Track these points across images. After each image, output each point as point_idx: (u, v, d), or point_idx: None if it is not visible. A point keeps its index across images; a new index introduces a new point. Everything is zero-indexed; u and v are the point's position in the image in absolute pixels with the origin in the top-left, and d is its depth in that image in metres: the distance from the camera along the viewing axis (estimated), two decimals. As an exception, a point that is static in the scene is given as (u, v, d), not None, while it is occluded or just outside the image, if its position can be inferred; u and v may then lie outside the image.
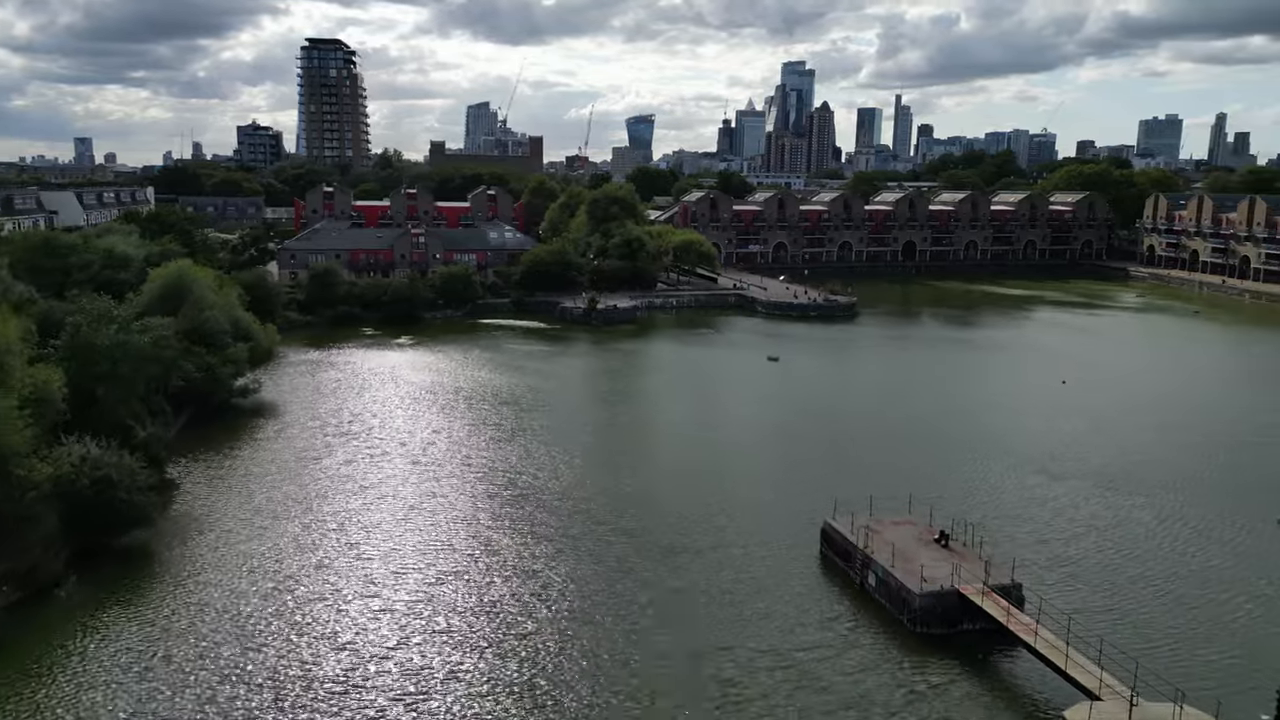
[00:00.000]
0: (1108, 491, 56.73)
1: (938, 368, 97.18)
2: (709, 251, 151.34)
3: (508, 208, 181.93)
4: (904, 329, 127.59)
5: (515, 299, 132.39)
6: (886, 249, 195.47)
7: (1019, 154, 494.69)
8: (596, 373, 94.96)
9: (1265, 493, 56.88)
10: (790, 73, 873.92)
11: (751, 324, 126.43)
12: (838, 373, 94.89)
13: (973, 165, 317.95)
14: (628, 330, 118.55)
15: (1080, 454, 64.45)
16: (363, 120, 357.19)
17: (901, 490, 55.12)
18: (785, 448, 66.32)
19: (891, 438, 68.93)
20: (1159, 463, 62.81)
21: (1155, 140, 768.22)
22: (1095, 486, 57.52)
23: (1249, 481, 59.20)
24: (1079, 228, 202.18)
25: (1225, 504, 54.88)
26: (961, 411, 76.80)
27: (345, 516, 50.90)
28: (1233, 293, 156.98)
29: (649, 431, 71.14)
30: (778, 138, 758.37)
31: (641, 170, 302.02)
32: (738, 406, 79.42)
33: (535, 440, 66.58)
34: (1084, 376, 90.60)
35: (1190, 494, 56.47)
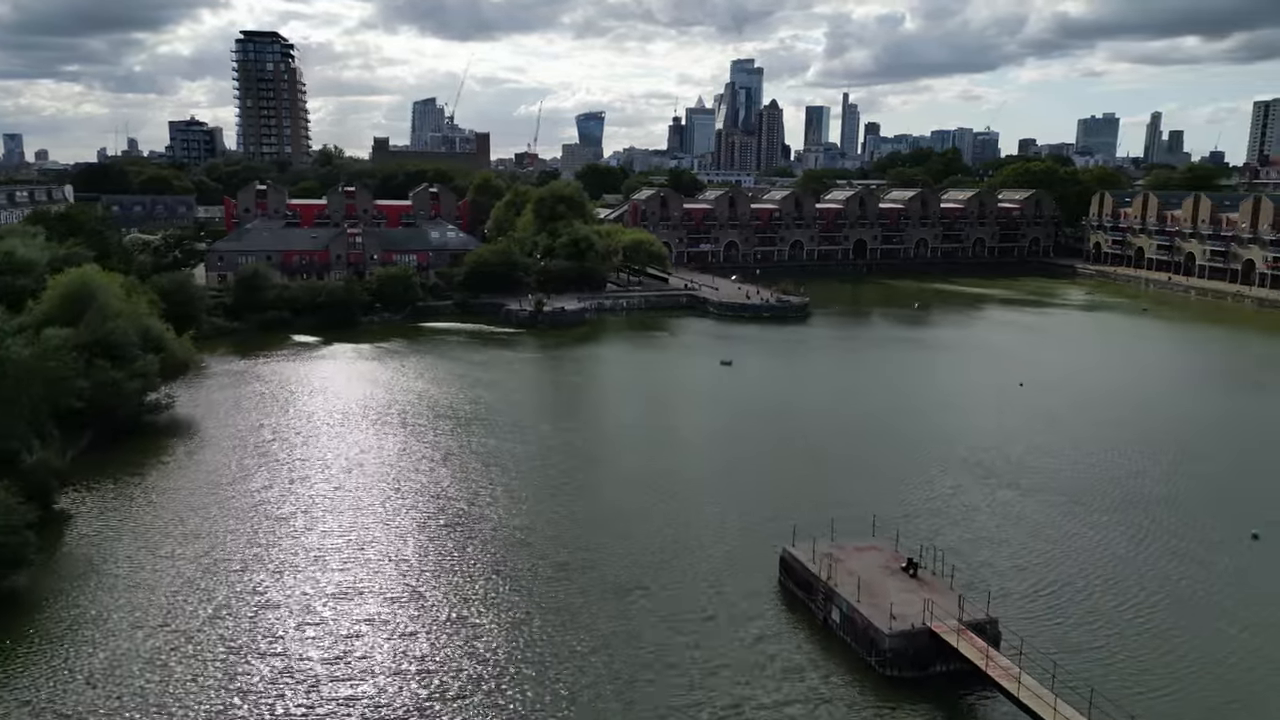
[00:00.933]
0: (1077, 506, 54.02)
1: (892, 371, 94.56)
2: (660, 251, 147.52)
3: (451, 206, 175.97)
4: (857, 329, 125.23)
5: (458, 301, 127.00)
6: (838, 248, 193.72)
7: (964, 152, 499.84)
8: (543, 381, 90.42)
9: (1235, 503, 54.81)
10: (739, 71, 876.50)
11: (704, 326, 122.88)
12: (792, 377, 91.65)
13: (920, 163, 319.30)
14: (576, 333, 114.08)
15: (1046, 465, 61.84)
16: (302, 116, 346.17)
17: (864, 506, 51.92)
18: (740, 461, 62.57)
19: (850, 449, 65.68)
20: (1125, 472, 60.46)
21: (1093, 139, 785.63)
22: (1066, 502, 54.74)
23: (1217, 490, 57.14)
24: (1027, 225, 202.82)
25: (1196, 517, 52.57)
26: (920, 418, 73.94)
27: (252, 555, 45.58)
28: (1178, 289, 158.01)
29: (598, 447, 66.83)
30: (728, 135, 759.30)
31: (591, 168, 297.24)
32: (691, 416, 75.57)
33: (474, 460, 61.86)
34: (1040, 377, 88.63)
35: (1160, 507, 54.07)
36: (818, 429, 71.02)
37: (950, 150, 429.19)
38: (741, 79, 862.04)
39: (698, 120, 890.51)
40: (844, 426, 71.56)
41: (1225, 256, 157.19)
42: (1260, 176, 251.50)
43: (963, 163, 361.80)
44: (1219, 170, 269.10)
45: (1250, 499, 55.83)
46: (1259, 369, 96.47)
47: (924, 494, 55.83)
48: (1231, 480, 59.36)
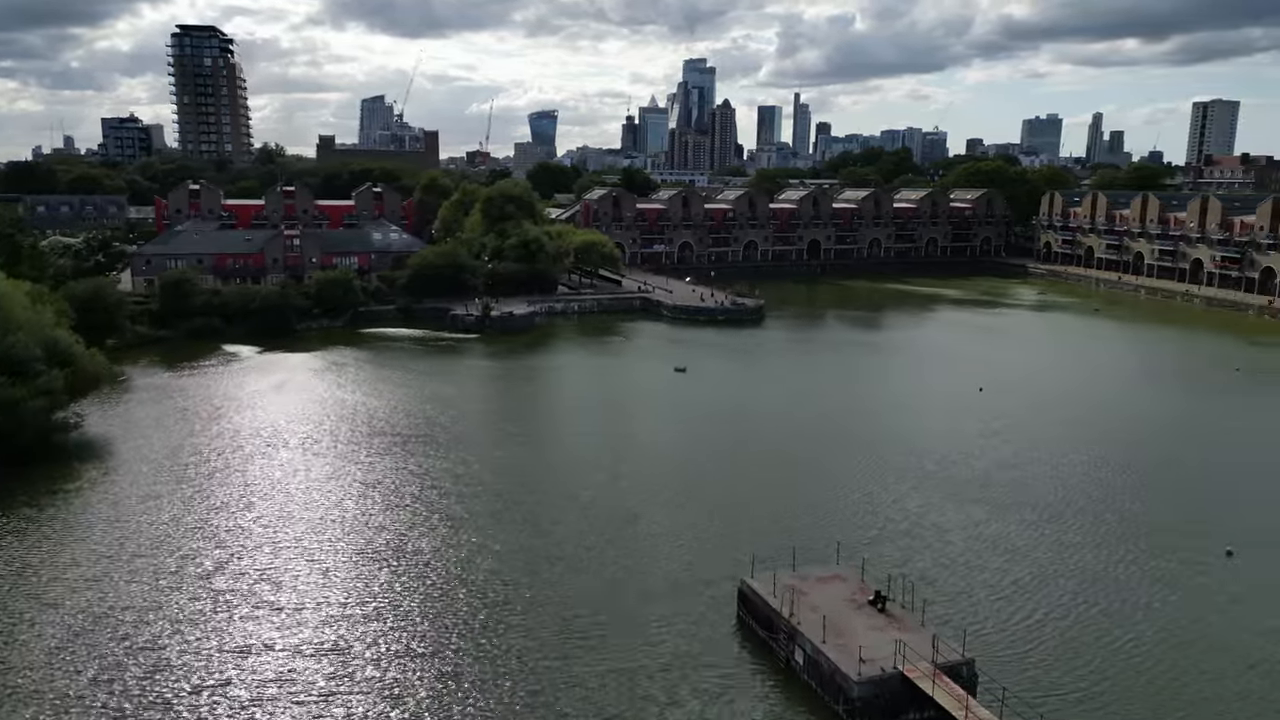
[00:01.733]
0: (1049, 525, 51.55)
1: (851, 376, 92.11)
2: (612, 253, 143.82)
3: (396, 206, 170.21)
4: (813, 332, 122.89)
5: (402, 306, 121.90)
6: (792, 248, 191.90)
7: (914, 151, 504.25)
8: (489, 391, 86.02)
9: (1204, 515, 52.92)
10: (692, 70, 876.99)
11: (658, 330, 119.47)
12: (748, 383, 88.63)
13: (871, 162, 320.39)
14: (526, 339, 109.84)
15: (1013, 478, 59.43)
16: (243, 113, 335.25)
17: (827, 526, 48.96)
18: (697, 479, 59.14)
19: (811, 462, 62.64)
20: (1091, 483, 58.33)
21: (1038, 139, 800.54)
22: (1038, 520, 52.14)
23: (1185, 501, 55.28)
24: (978, 224, 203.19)
25: (1169, 533, 50.46)
26: (882, 427, 71.30)
27: (150, 602, 40.70)
28: (1128, 289, 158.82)
29: (545, 465, 62.85)
30: (681, 135, 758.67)
31: (542, 166, 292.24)
32: (645, 428, 71.93)
33: (411, 482, 57.53)
34: (998, 380, 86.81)
35: (1131, 523, 51.86)
36: (776, 440, 67.93)
37: (901, 150, 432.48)
38: (694, 78, 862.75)
39: (651, 119, 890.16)
40: (804, 437, 68.59)
41: (1174, 256, 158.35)
42: (1204, 176, 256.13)
43: (913, 162, 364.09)
44: (1163, 170, 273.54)
45: (1217, 509, 54.03)
46: (1210, 368, 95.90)
47: (890, 512, 52.94)
48: (1198, 489, 57.56)
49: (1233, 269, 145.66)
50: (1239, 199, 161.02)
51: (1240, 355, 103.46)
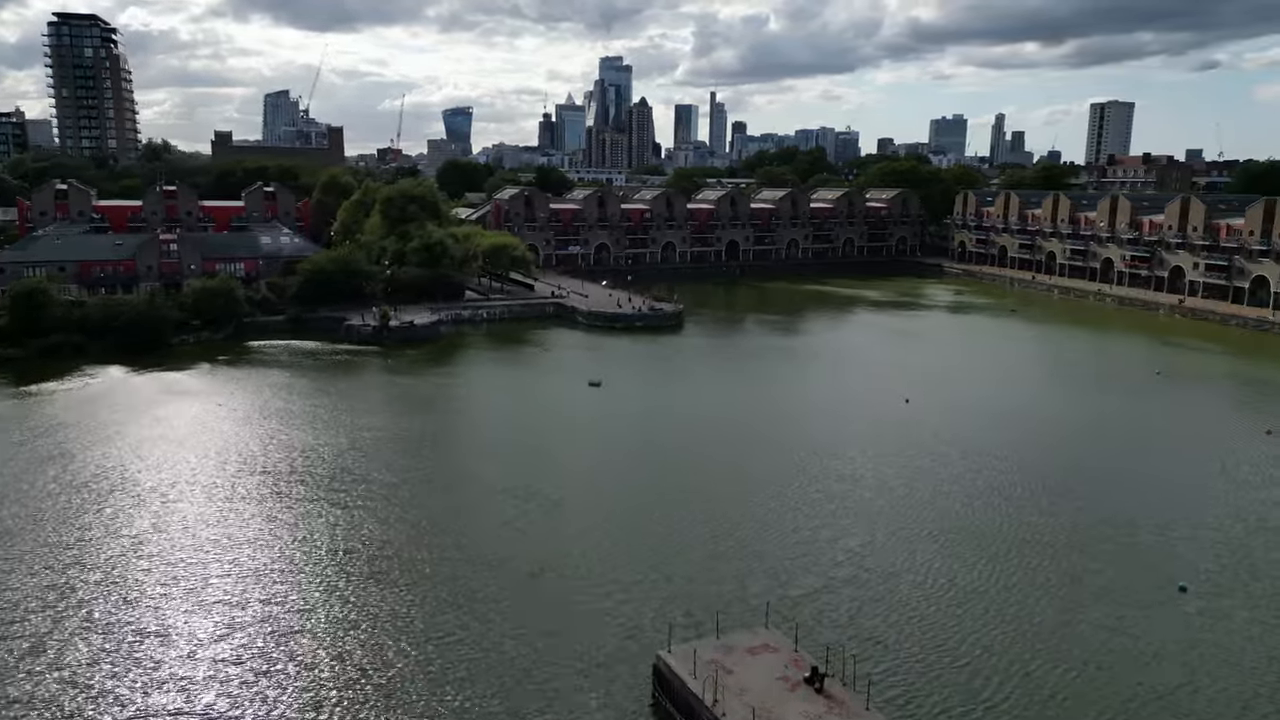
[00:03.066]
0: (996, 563, 47.09)
1: (774, 387, 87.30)
2: (524, 256, 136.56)
3: (291, 207, 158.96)
4: (734, 338, 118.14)
5: (292, 316, 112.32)
6: (710, 249, 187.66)
7: (828, 151, 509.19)
8: (382, 416, 77.54)
9: (1149, 543, 49.45)
10: (608, 68, 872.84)
11: (573, 338, 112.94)
12: (667, 398, 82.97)
13: (787, 161, 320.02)
14: (429, 351, 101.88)
15: (954, 507, 55.05)
16: (129, 107, 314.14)
17: (756, 575, 43.33)
18: (609, 518, 52.97)
19: (736, 492, 57.12)
20: (1034, 511, 54.40)
21: (944, 138, 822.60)
22: (985, 559, 47.64)
23: (1127, 526, 51.75)
24: (894, 224, 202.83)
25: (1115, 565, 46.70)
26: (811, 448, 66.36)
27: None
28: (1042, 288, 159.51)
29: (438, 509, 55.55)
30: (598, 133, 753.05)
31: (453, 164, 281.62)
32: (553, 457, 65.26)
33: (281, 535, 49.79)
34: (923, 388, 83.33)
35: (1081, 556, 47.93)
36: (697, 466, 62.26)
37: (815, 149, 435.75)
38: (611, 76, 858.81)
39: (568, 117, 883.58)
40: (728, 461, 63.08)
41: (1085, 255, 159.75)
42: (1107, 175, 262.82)
43: (827, 161, 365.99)
44: (1069, 169, 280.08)
45: (1162, 533, 50.67)
46: (1134, 372, 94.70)
47: (829, 553, 47.64)
48: (1139, 510, 54.21)
49: (1142, 268, 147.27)
50: (1147, 198, 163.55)
51: (1159, 358, 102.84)
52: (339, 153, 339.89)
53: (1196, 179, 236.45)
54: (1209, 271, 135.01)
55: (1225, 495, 57.11)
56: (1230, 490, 57.91)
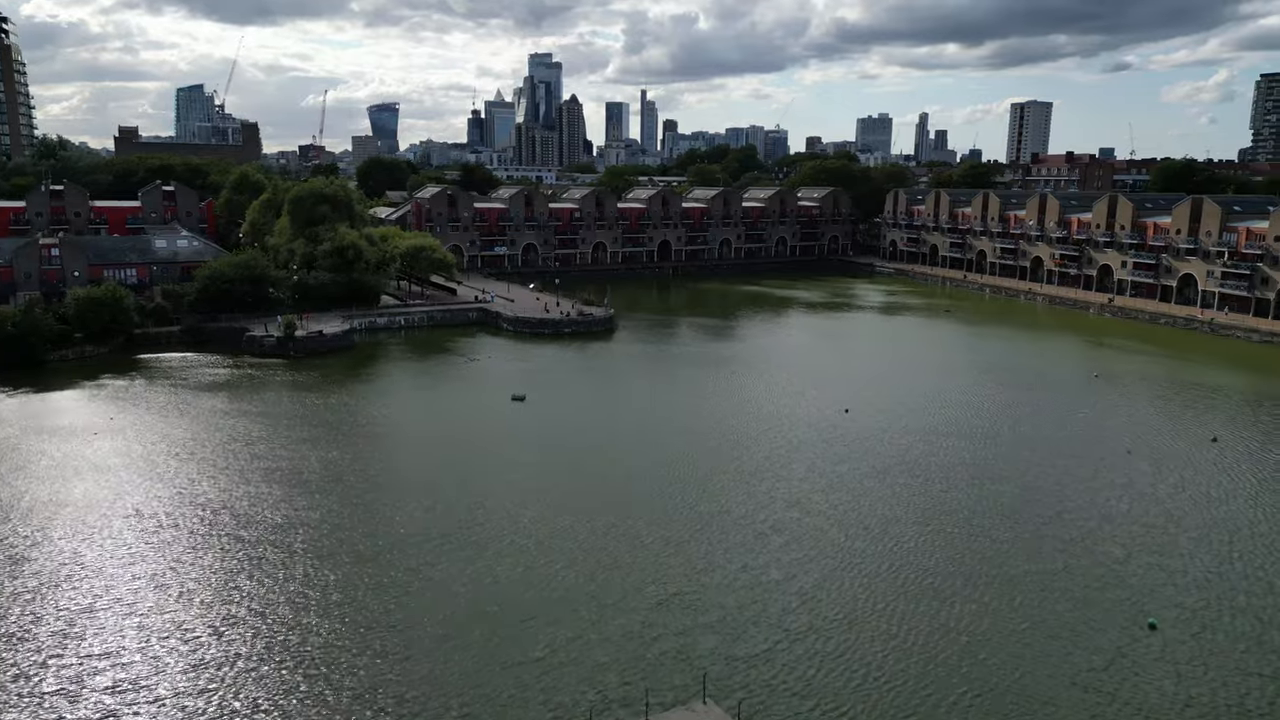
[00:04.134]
0: (967, 606, 43.03)
1: (710, 398, 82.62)
2: (445, 258, 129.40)
3: (194, 207, 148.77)
4: (666, 345, 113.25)
5: (189, 326, 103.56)
6: (642, 249, 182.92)
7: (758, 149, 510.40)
8: (279, 444, 70.05)
9: (1113, 572, 46.07)
10: (537, 65, 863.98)
11: (497, 346, 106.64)
12: (596, 413, 77.56)
13: (718, 160, 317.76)
14: (339, 363, 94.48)
15: (911, 536, 51.01)
16: (23, 102, 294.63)
17: (693, 633, 38.22)
18: (524, 567, 47.36)
19: (669, 525, 52.06)
20: (992, 543, 50.73)
21: (871, 137, 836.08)
22: (943, 604, 43.61)
23: (1087, 553, 48.40)
24: (826, 223, 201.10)
25: (1081, 597, 43.12)
26: (752, 469, 61.79)
27: None
28: (973, 287, 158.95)
29: (327, 559, 49.22)
30: (528, 130, 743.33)
31: (375, 161, 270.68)
32: (465, 489, 59.23)
33: (145, 593, 42.84)
34: (862, 397, 79.78)
35: (1048, 590, 44.21)
36: (627, 494, 56.98)
37: (747, 147, 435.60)
38: (540, 73, 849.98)
39: (498, 114, 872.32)
40: (665, 489, 57.90)
41: (1015, 254, 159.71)
42: (1032, 174, 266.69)
43: (758, 160, 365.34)
44: (994, 167, 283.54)
45: (1125, 562, 47.41)
46: (1066, 372, 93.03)
47: (780, 600, 42.69)
48: (1101, 535, 51.02)
49: (1071, 267, 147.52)
50: (1075, 197, 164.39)
51: (1095, 360, 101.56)
52: (254, 149, 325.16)
53: (1117, 177, 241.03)
54: (1137, 270, 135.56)
55: (1189, 512, 54.34)
56: (1194, 507, 55.16)
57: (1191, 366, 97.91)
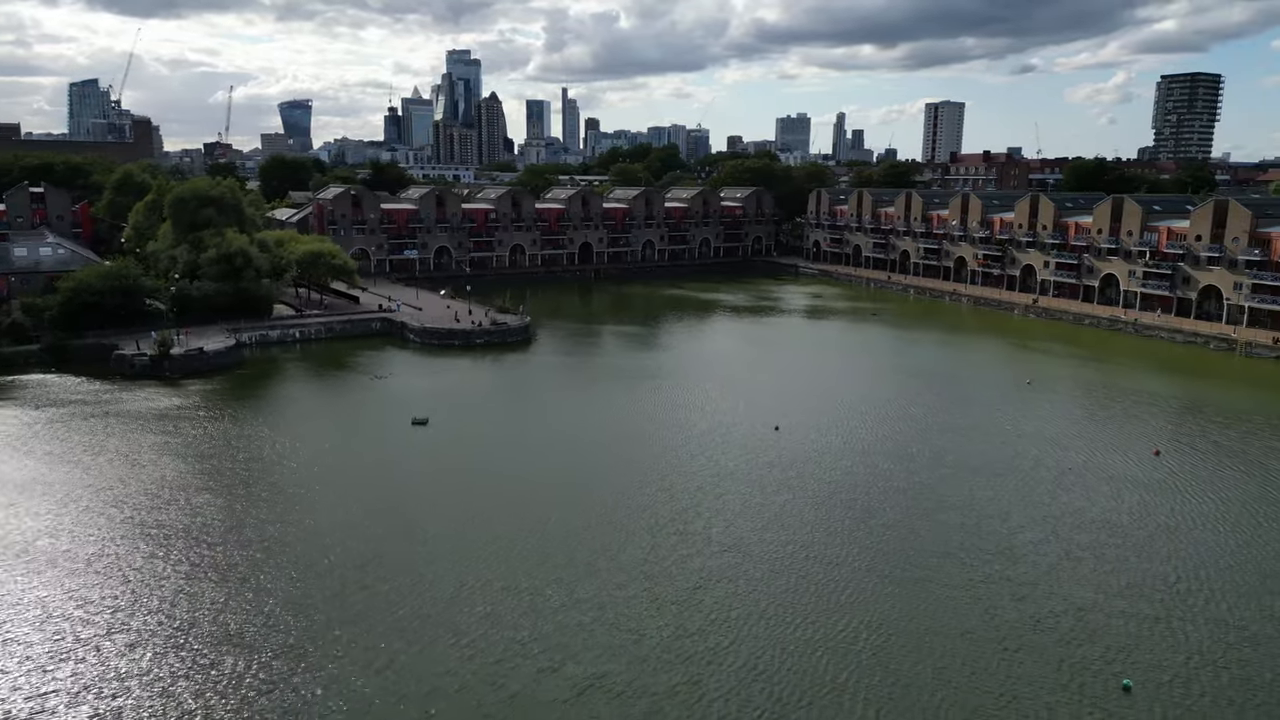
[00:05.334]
0: (911, 678, 37.78)
1: (633, 417, 76.48)
2: (346, 264, 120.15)
3: (65, 210, 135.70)
4: (587, 355, 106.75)
5: (51, 344, 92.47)
6: (563, 251, 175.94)
7: (680, 148, 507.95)
8: (136, 489, 61.34)
9: (1085, 634, 41.60)
10: (456, 61, 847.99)
11: (401, 360, 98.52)
12: (506, 438, 70.56)
13: (640, 158, 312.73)
14: (223, 385, 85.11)
15: (859, 589, 45.70)
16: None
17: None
18: (415, 636, 40.42)
19: (593, 586, 45.66)
20: (946, 585, 45.87)
21: (790, 136, 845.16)
22: (898, 681, 38.33)
23: (1058, 607, 43.88)
24: (749, 224, 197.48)
25: (1061, 666, 38.38)
26: (681, 502, 55.83)
27: None
28: (897, 289, 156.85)
29: (195, 646, 41.40)
30: (446, 128, 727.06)
31: (277, 160, 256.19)
32: (359, 531, 51.73)
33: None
34: (791, 411, 74.88)
35: (1009, 649, 39.35)
36: (544, 542, 50.27)
37: (669, 146, 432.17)
38: (459, 70, 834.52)
39: (416, 111, 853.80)
40: (583, 535, 51.34)
41: (938, 254, 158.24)
42: (950, 173, 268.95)
43: (680, 159, 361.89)
44: (913, 166, 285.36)
45: (1095, 609, 43.05)
46: (999, 379, 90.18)
47: (713, 680, 36.71)
48: (1064, 579, 46.69)
49: (995, 267, 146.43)
50: (997, 196, 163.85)
51: (1025, 364, 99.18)
52: (146, 147, 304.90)
53: (1033, 176, 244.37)
54: (1060, 270, 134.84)
55: (1151, 542, 50.51)
56: (1157, 536, 51.35)
57: (1122, 371, 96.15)
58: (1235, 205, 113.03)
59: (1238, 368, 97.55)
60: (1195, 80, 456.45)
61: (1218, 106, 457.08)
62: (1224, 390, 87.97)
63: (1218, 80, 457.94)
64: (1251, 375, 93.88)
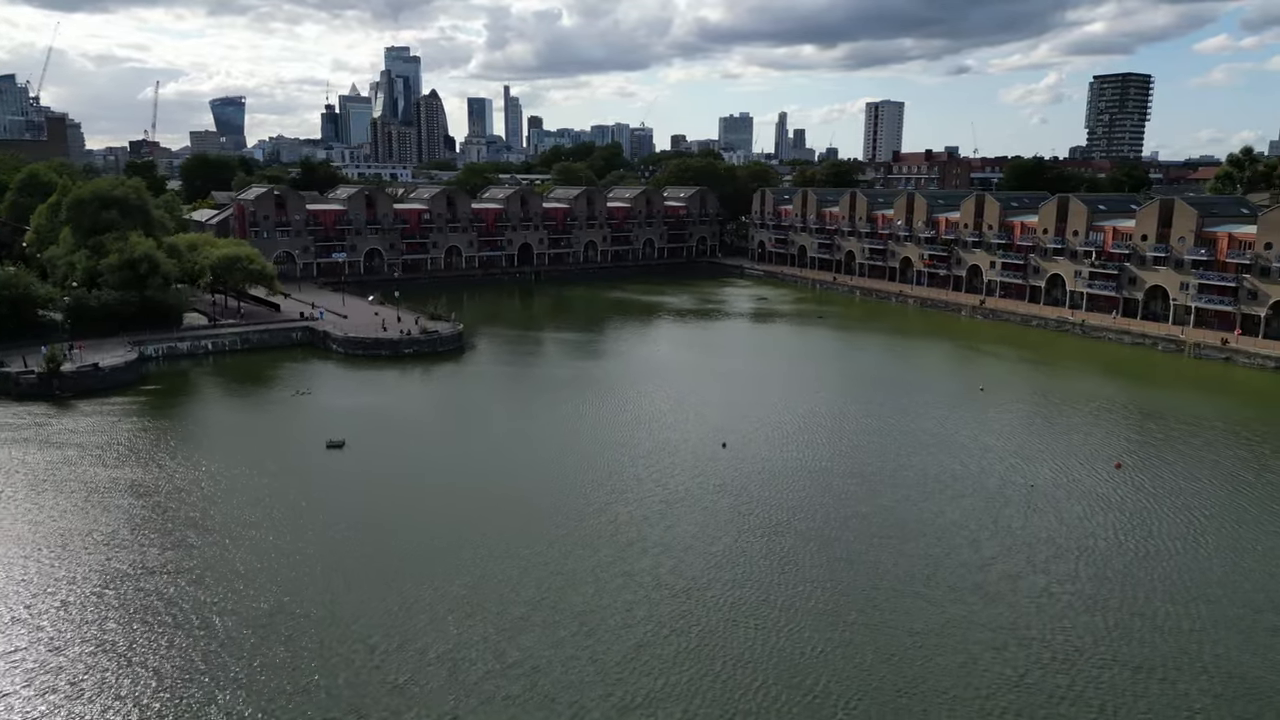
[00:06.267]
0: None
1: (573, 436, 71.14)
2: (265, 269, 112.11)
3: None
4: (524, 365, 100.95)
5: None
6: (501, 253, 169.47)
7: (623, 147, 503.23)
8: (22, 526, 54.10)
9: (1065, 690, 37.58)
10: (395, 59, 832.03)
11: (323, 373, 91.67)
12: (430, 463, 64.61)
13: (583, 157, 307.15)
14: (121, 406, 77.35)
15: (819, 651, 41.06)
16: None
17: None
18: (325, 706, 34.61)
19: (527, 637, 40.26)
20: (908, 633, 41.61)
21: (733, 135, 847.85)
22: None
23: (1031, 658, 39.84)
24: (694, 224, 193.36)
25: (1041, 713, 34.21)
26: (628, 534, 50.70)
27: None
28: (843, 290, 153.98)
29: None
30: (384, 125, 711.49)
31: (200, 159, 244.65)
32: (254, 582, 45.53)
33: None
34: (738, 422, 70.44)
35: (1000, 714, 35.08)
36: (467, 597, 44.67)
37: (612, 144, 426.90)
38: (398, 67, 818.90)
39: (354, 109, 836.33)
40: (516, 575, 45.86)
41: (884, 255, 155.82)
42: (893, 172, 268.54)
43: (624, 158, 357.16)
44: (855, 165, 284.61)
45: (1071, 663, 39.12)
46: (950, 385, 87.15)
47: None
48: (1032, 622, 42.77)
49: (941, 267, 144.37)
50: (942, 196, 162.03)
51: (975, 369, 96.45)
52: (60, 145, 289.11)
53: (975, 175, 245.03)
54: (1006, 270, 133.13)
55: (1131, 572, 46.95)
56: (1135, 565, 47.78)
57: (1074, 375, 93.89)
58: (1181, 204, 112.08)
59: (1188, 370, 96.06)
60: (1126, 80, 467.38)
61: (1148, 106, 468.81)
62: (1178, 395, 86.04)
63: (1148, 81, 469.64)
64: (1203, 378, 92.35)
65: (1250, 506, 55.37)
